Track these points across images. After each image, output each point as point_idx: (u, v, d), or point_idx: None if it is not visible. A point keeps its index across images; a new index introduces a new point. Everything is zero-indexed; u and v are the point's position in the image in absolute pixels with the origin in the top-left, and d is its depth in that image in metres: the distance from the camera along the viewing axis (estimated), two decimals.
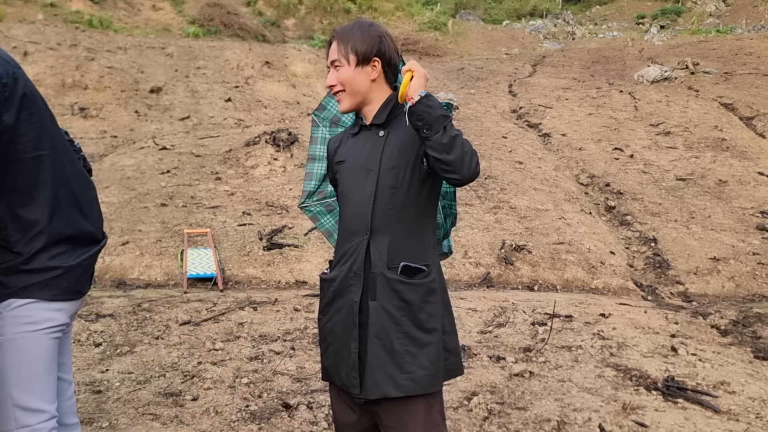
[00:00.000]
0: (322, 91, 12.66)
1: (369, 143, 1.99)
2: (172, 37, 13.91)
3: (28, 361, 1.85)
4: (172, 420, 3.31)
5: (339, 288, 1.95)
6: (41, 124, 1.84)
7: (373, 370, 1.87)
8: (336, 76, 1.96)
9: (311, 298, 5.30)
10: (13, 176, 1.79)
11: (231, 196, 7.38)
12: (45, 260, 1.84)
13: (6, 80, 1.74)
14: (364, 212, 1.92)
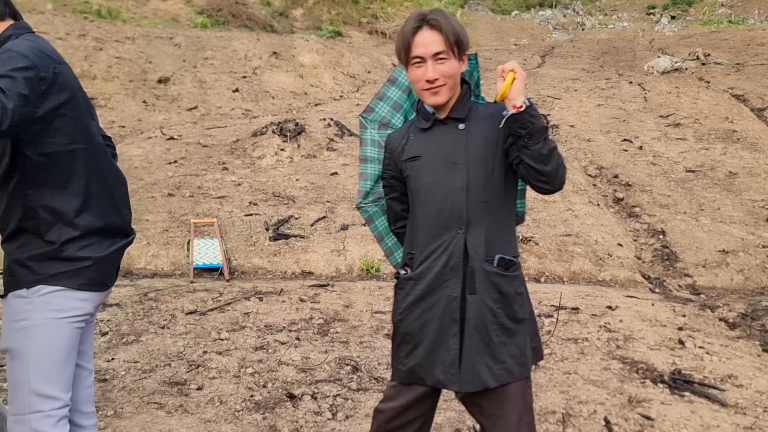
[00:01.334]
0: (330, 81, 12.63)
1: (449, 137, 1.94)
2: (180, 28, 13.90)
3: (50, 347, 1.88)
4: (177, 409, 3.32)
5: (432, 285, 1.91)
6: (78, 119, 1.89)
7: (472, 363, 1.87)
8: (439, 69, 1.86)
9: (317, 289, 5.30)
10: (48, 168, 1.84)
11: (238, 186, 7.38)
12: (75, 250, 1.88)
13: (44, 74, 1.77)
14: (456, 206, 1.89)
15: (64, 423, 1.93)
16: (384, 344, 4.24)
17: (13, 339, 1.87)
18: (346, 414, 3.33)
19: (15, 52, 1.76)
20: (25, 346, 1.86)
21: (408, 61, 1.93)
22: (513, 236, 2.00)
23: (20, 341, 1.86)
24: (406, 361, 1.98)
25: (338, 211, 6.88)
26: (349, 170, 7.94)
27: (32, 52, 1.79)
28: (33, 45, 1.82)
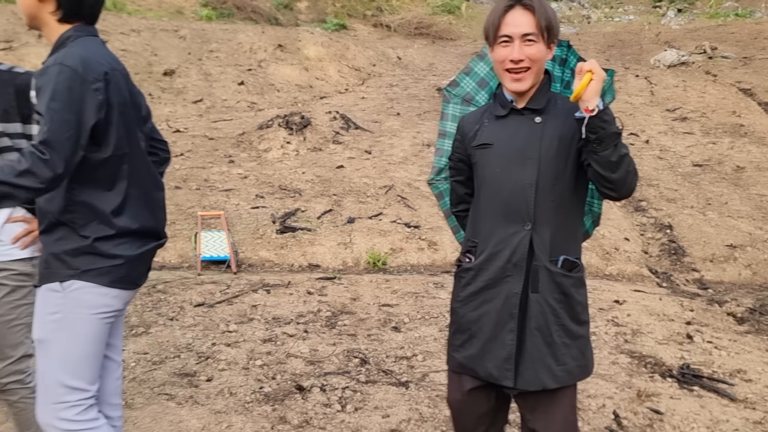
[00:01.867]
0: (335, 74, 12.59)
1: (524, 129, 1.88)
2: (185, 20, 13.87)
3: (79, 341, 1.92)
4: (187, 400, 3.34)
5: (493, 278, 1.89)
6: (127, 124, 1.93)
7: (532, 362, 1.85)
8: (525, 51, 1.79)
9: (324, 282, 5.31)
10: (95, 168, 1.89)
11: (244, 179, 7.38)
12: (109, 248, 1.92)
13: (98, 85, 1.81)
14: (524, 202, 1.85)
15: (92, 410, 1.96)
16: (392, 337, 4.25)
17: (44, 330, 1.91)
18: (355, 406, 3.34)
19: (65, 66, 1.78)
20: (54, 339, 1.90)
21: (495, 40, 1.85)
22: (578, 238, 1.97)
23: (51, 333, 1.90)
24: (461, 350, 1.98)
25: (344, 204, 6.87)
26: (355, 163, 7.93)
27: (81, 62, 1.80)
28: (83, 54, 1.83)
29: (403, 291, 5.16)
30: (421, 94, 11.59)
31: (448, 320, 4.58)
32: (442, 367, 3.79)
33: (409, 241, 6.31)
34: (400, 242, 6.27)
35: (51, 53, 1.90)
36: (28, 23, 1.96)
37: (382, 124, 9.56)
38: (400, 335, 4.29)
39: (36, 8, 1.90)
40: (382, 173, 7.66)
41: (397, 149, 8.51)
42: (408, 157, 8.29)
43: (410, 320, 4.56)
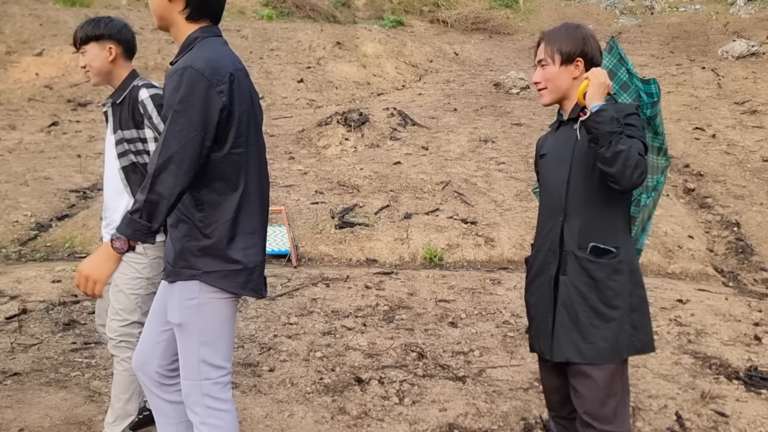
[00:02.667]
0: (392, 71, 12.66)
1: (565, 136, 2.21)
2: (246, 20, 14.21)
3: (216, 323, 2.05)
4: (251, 389, 3.46)
5: (540, 266, 2.20)
6: (249, 122, 2.02)
7: (558, 336, 2.11)
8: (542, 73, 2.18)
9: (381, 276, 5.38)
10: (223, 167, 1.97)
11: (304, 175, 7.54)
12: (231, 251, 1.99)
13: (222, 87, 1.91)
14: (559, 197, 2.16)
15: (228, 388, 2.12)
16: (449, 332, 4.29)
17: (183, 315, 2.03)
18: (412, 399, 3.39)
19: (194, 69, 1.88)
20: (195, 322, 2.02)
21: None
22: (615, 228, 2.12)
23: (190, 318, 2.02)
24: (530, 333, 2.28)
25: (401, 200, 6.93)
26: (411, 159, 7.98)
27: (209, 65, 1.90)
28: (210, 56, 1.93)
29: (460, 287, 5.18)
30: (477, 90, 11.53)
31: (505, 317, 4.59)
32: (499, 363, 3.81)
33: (466, 237, 6.32)
34: (456, 238, 6.29)
35: (179, 54, 2.01)
36: (158, 24, 2.09)
37: (438, 120, 9.57)
38: (456, 330, 4.33)
39: (166, 8, 2.00)
40: (438, 169, 7.68)
41: (453, 145, 8.51)
42: (465, 153, 8.28)
43: (467, 316, 4.59)
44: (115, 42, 2.70)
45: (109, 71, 2.71)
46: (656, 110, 2.35)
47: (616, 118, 1.93)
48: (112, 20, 2.75)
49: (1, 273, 5.20)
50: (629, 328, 2.07)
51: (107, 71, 2.71)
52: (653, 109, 2.34)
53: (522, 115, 9.80)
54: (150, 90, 2.64)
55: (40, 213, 6.59)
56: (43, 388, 3.37)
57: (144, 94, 2.63)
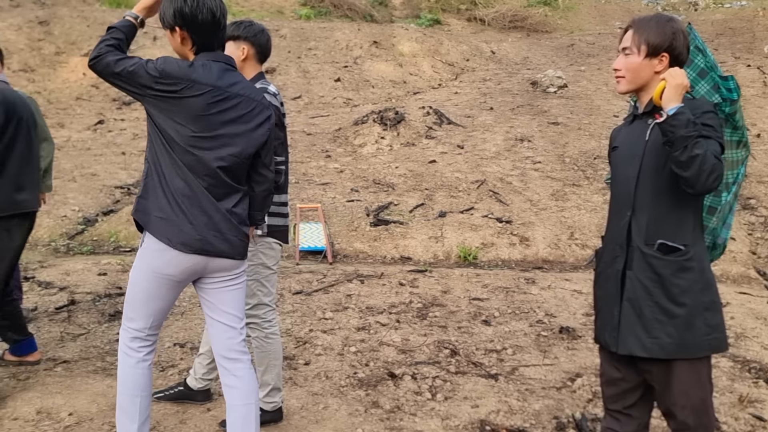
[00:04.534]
0: (429, 70, 12.67)
1: (638, 130, 2.17)
2: (285, 20, 14.40)
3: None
4: (287, 381, 3.55)
5: (608, 259, 2.20)
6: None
7: (623, 330, 2.12)
8: (624, 62, 2.14)
9: (415, 274, 5.43)
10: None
11: (340, 173, 7.63)
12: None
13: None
14: (628, 192, 2.14)
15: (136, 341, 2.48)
16: (482, 330, 4.31)
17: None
18: (445, 395, 3.44)
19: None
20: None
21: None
22: (685, 226, 2.10)
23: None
24: (595, 324, 2.29)
25: (436, 198, 6.97)
26: (447, 158, 8.00)
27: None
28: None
29: (494, 285, 5.20)
30: (514, 89, 11.46)
31: (538, 316, 4.60)
32: (532, 362, 3.83)
33: (501, 236, 6.32)
34: (491, 237, 6.29)
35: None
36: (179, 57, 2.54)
37: (474, 119, 9.56)
38: (490, 329, 4.35)
39: (180, 48, 2.46)
40: (474, 168, 7.69)
41: (489, 144, 8.50)
42: (500, 152, 8.27)
43: (500, 314, 4.60)
44: (249, 44, 2.92)
45: (240, 69, 2.84)
46: (735, 107, 2.27)
47: (692, 122, 1.89)
48: (252, 24, 2.97)
49: (50, 265, 5.43)
50: (703, 327, 2.05)
51: (239, 69, 2.82)
52: (732, 106, 2.26)
53: (559, 114, 9.72)
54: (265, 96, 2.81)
55: (86, 208, 6.84)
56: (90, 375, 3.52)
57: None
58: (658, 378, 2.10)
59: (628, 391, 2.21)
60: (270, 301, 3.00)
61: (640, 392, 2.21)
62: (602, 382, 2.33)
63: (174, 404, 3.20)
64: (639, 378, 2.18)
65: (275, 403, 3.08)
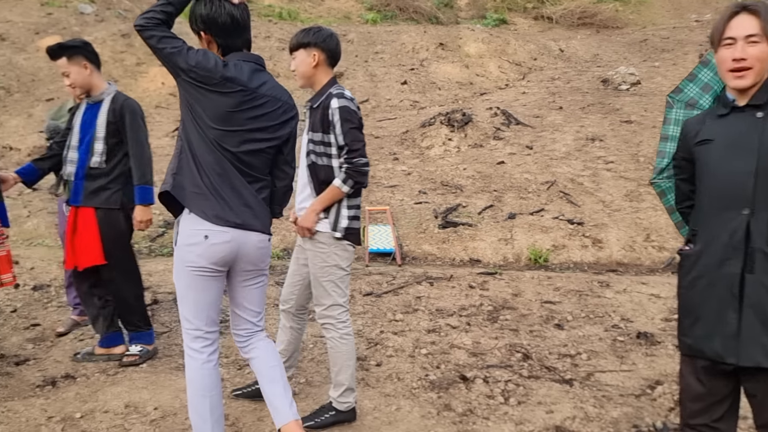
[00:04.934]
0: (496, 70, 12.55)
1: (743, 124, 2.01)
2: (352, 24, 14.60)
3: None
4: (359, 382, 3.60)
5: (712, 262, 2.02)
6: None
7: (748, 339, 1.95)
8: (748, 51, 1.94)
9: (485, 276, 5.39)
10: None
11: (408, 175, 7.67)
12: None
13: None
14: (741, 189, 1.97)
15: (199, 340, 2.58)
16: (554, 334, 4.24)
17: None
18: (518, 400, 3.40)
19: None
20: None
21: (719, 42, 2.00)
22: None
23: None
24: (689, 333, 2.10)
25: (505, 200, 6.89)
26: (516, 159, 7.90)
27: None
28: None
29: (566, 288, 5.10)
30: (584, 87, 11.19)
31: (614, 321, 4.48)
32: (609, 368, 3.73)
33: (572, 238, 6.19)
34: (562, 239, 6.17)
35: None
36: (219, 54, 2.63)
37: (543, 119, 9.40)
38: (563, 333, 4.27)
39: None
40: (543, 169, 7.56)
41: (559, 144, 8.34)
42: (571, 152, 8.10)
43: (573, 318, 4.51)
44: (320, 49, 2.94)
45: (311, 75, 2.97)
46: None
47: None
48: (320, 30, 3.00)
49: None
50: None
51: (310, 75, 2.97)
52: None
53: (632, 111, 9.42)
54: (340, 101, 2.86)
55: (166, 212, 7.14)
56: (173, 372, 3.68)
57: (335, 104, 2.86)
58: (763, 389, 1.95)
59: (715, 404, 2.07)
60: (344, 302, 3.04)
61: (728, 404, 2.07)
62: (685, 396, 2.15)
63: (252, 402, 3.30)
64: (727, 390, 2.05)
65: (349, 403, 3.12)
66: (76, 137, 3.74)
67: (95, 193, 3.72)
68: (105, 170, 3.74)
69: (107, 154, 3.73)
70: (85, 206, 3.72)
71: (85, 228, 3.70)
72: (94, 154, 3.71)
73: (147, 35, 2.41)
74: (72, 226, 3.74)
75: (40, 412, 3.18)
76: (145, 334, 3.93)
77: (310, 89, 3.07)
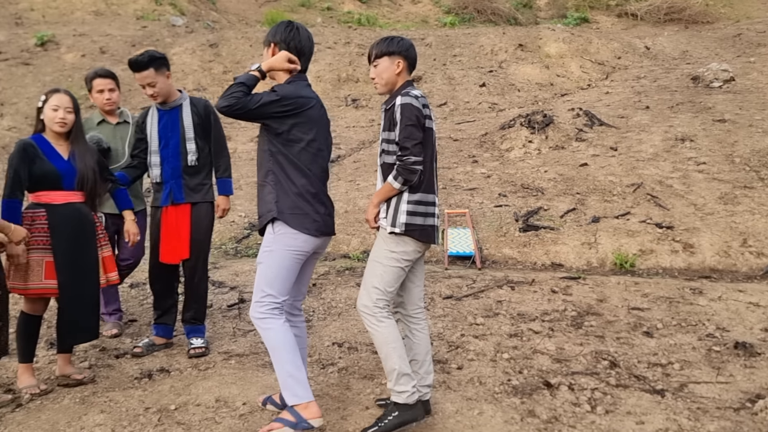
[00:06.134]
0: (577, 71, 12.23)
1: None
2: (430, 28, 14.61)
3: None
4: (441, 385, 3.59)
5: None
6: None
7: None
8: None
9: (568, 281, 5.26)
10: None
11: (487, 178, 7.59)
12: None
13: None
14: None
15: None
16: (643, 342, 4.08)
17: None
18: (605, 409, 3.29)
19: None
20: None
21: None
22: None
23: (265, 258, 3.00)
24: None
25: (588, 203, 6.70)
26: (599, 161, 7.66)
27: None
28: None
29: (655, 295, 4.89)
30: (672, 85, 10.71)
31: (708, 329, 4.27)
32: (703, 379, 3.55)
33: (661, 242, 5.94)
34: (650, 243, 5.93)
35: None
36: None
37: (629, 119, 9.07)
38: (652, 341, 4.10)
39: (279, 72, 3.13)
40: (629, 171, 7.30)
41: (646, 145, 8.02)
42: (659, 153, 7.77)
43: (664, 326, 4.32)
44: (403, 57, 3.03)
45: (394, 82, 3.05)
46: None
47: None
48: (403, 39, 3.09)
49: (222, 267, 5.93)
50: None
51: (393, 82, 3.05)
52: None
53: (726, 110, 8.94)
54: (404, 98, 2.91)
55: (251, 214, 7.39)
56: (260, 369, 3.80)
57: (398, 101, 2.92)
58: None
59: None
60: (385, 290, 2.94)
61: None
62: None
63: (336, 401, 3.36)
64: None
65: (408, 392, 2.98)
66: (156, 142, 4.01)
67: (195, 189, 4.03)
68: (198, 167, 4.03)
69: (198, 152, 4.01)
70: (185, 203, 4.01)
71: (183, 223, 4.01)
72: (188, 153, 4.00)
73: (240, 105, 2.83)
74: (174, 223, 4.00)
75: (138, 402, 3.36)
76: (204, 328, 4.19)
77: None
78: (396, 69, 3.01)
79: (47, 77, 12.01)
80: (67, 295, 3.49)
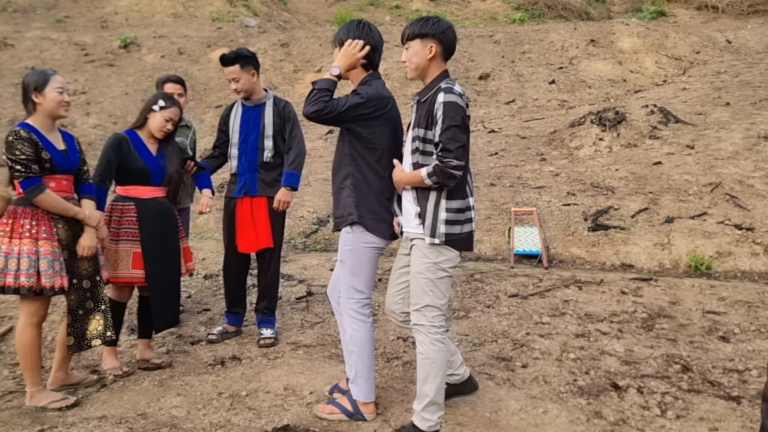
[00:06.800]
0: (652, 66, 11.82)
1: None
2: (498, 25, 14.45)
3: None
4: (505, 382, 3.59)
5: None
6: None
7: None
8: None
9: (639, 282, 5.12)
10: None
11: (555, 176, 7.46)
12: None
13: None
14: None
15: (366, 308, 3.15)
16: (719, 347, 3.94)
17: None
18: (676, 414, 3.21)
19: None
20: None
21: None
22: None
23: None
24: None
25: (662, 202, 6.49)
26: (674, 159, 7.40)
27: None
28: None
29: (733, 299, 4.70)
30: (755, 81, 10.19)
31: None
32: None
33: (740, 244, 5.69)
34: (728, 245, 5.70)
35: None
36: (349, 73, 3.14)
37: (707, 116, 8.70)
38: (728, 346, 3.95)
39: (355, 73, 3.15)
40: (706, 169, 7.01)
41: (725, 143, 7.68)
42: (739, 151, 7.42)
43: (741, 331, 4.15)
44: (437, 41, 2.79)
45: (425, 68, 2.82)
46: None
47: None
48: (439, 21, 2.83)
49: (290, 260, 6.10)
50: None
51: (424, 67, 2.82)
52: None
53: None
54: (447, 96, 2.69)
55: (320, 210, 7.55)
56: (326, 360, 3.90)
57: (441, 98, 2.70)
58: None
59: None
60: (441, 306, 2.83)
61: None
62: None
63: (400, 393, 3.41)
64: None
65: (432, 423, 2.84)
66: (237, 135, 4.20)
67: (269, 184, 4.19)
68: (274, 164, 4.20)
69: (274, 149, 4.17)
70: (260, 196, 4.18)
71: (261, 215, 4.18)
72: (265, 150, 4.17)
73: (328, 110, 2.87)
74: (250, 214, 4.18)
75: (211, 387, 3.52)
76: (274, 319, 4.33)
77: (421, 82, 2.90)
78: (428, 54, 2.78)
79: (129, 77, 12.63)
80: (154, 284, 3.71)
